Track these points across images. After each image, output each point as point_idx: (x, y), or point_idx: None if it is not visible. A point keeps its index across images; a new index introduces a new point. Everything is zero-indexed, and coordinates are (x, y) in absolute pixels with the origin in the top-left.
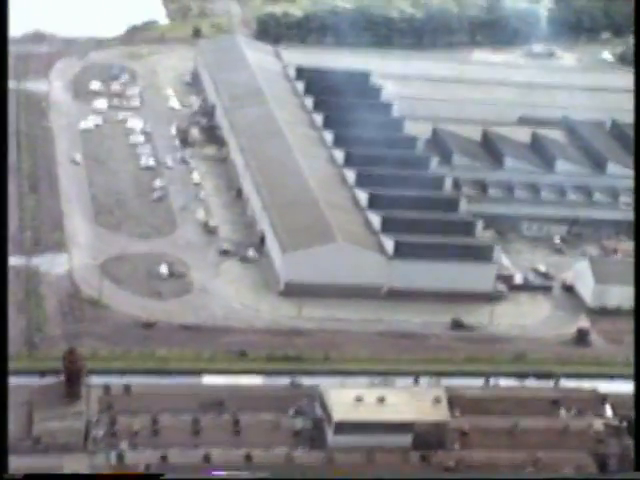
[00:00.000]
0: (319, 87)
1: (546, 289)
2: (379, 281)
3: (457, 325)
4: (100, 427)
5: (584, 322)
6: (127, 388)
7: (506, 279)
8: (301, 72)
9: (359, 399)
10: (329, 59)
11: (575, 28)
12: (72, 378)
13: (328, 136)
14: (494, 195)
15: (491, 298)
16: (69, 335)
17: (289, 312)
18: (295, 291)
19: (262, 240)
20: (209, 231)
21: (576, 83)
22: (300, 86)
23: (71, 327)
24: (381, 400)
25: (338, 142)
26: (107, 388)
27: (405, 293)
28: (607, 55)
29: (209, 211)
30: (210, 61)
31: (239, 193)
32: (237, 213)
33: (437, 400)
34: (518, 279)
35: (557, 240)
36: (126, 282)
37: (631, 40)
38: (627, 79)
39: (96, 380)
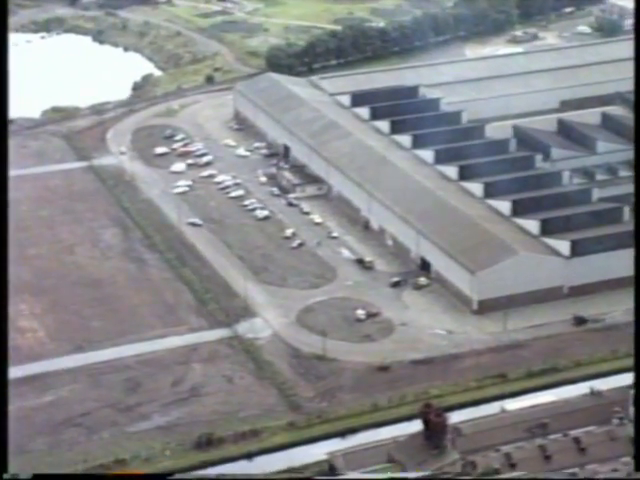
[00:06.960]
0: (383, 110)
1: None
2: (559, 282)
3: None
4: (469, 469)
5: None
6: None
7: None
8: (356, 98)
9: None
10: (362, 81)
11: (540, 9)
12: (437, 430)
13: (426, 155)
14: (601, 179)
15: None
16: (322, 393)
17: (494, 328)
18: (486, 308)
19: (424, 266)
20: (367, 267)
21: (591, 59)
22: (363, 112)
23: (318, 385)
24: None
25: (439, 159)
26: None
27: (584, 288)
28: (583, 28)
29: (349, 247)
30: (260, 103)
31: (366, 225)
32: (374, 245)
33: None
34: None
35: None
36: (331, 332)
37: (596, 10)
38: (616, 47)
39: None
